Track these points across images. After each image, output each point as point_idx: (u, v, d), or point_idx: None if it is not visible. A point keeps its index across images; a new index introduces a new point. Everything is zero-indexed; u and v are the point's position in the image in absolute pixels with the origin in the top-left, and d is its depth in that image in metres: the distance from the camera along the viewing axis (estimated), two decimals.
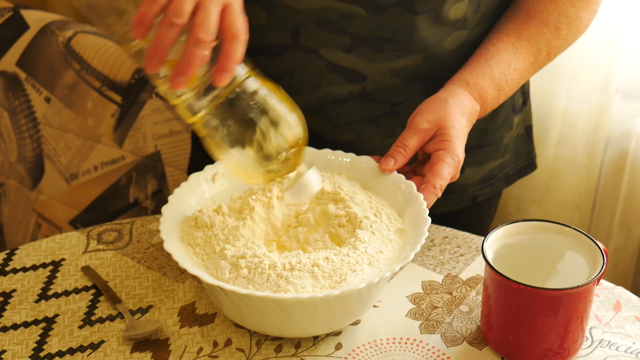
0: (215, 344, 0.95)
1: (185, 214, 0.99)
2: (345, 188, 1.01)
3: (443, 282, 1.03)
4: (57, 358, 0.94)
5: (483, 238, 0.95)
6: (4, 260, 1.07)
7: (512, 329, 0.92)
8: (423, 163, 1.04)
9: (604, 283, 1.03)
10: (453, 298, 1.01)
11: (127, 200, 1.62)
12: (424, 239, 0.92)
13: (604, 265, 0.90)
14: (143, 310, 0.99)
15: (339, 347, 0.95)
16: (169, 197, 0.99)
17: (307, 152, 1.05)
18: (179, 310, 0.99)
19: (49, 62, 1.63)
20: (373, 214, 0.98)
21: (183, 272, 1.04)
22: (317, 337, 0.96)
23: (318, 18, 1.08)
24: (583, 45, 1.43)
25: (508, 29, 1.11)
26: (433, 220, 0.99)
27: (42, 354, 0.94)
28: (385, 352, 0.94)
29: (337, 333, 0.96)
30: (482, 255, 0.91)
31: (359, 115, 1.15)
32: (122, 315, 0.99)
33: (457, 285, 1.03)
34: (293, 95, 0.92)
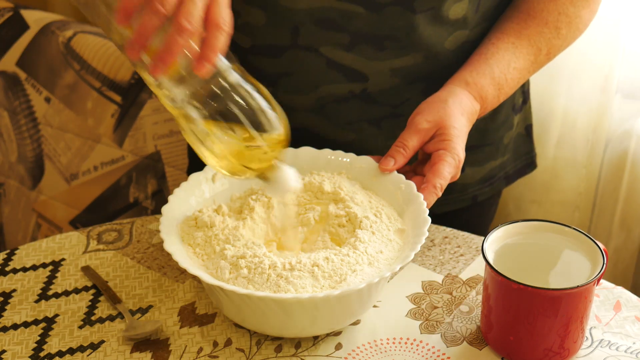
0: (215, 344, 0.95)
1: (185, 214, 0.99)
2: (345, 188, 1.01)
3: (443, 282, 1.03)
4: (57, 358, 0.94)
5: (483, 238, 0.95)
6: (4, 260, 1.06)
7: (512, 329, 0.92)
8: (423, 163, 1.04)
9: (604, 283, 1.03)
10: (453, 298, 1.01)
11: (127, 200, 1.61)
12: (424, 239, 0.92)
13: (604, 265, 0.90)
14: (143, 310, 0.99)
15: (339, 347, 0.95)
16: (169, 197, 0.99)
17: (307, 152, 1.05)
18: (179, 310, 0.99)
19: (49, 62, 1.63)
20: (373, 214, 0.97)
21: (183, 272, 1.04)
22: (317, 337, 0.96)
23: (317, 17, 1.08)
24: (583, 45, 1.43)
25: (508, 29, 1.11)
26: (433, 220, 0.99)
27: (42, 354, 0.94)
28: (385, 352, 0.94)
29: (337, 333, 0.96)
30: (482, 255, 0.91)
31: (360, 115, 1.14)
32: (122, 315, 0.99)
33: (457, 285, 1.03)
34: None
